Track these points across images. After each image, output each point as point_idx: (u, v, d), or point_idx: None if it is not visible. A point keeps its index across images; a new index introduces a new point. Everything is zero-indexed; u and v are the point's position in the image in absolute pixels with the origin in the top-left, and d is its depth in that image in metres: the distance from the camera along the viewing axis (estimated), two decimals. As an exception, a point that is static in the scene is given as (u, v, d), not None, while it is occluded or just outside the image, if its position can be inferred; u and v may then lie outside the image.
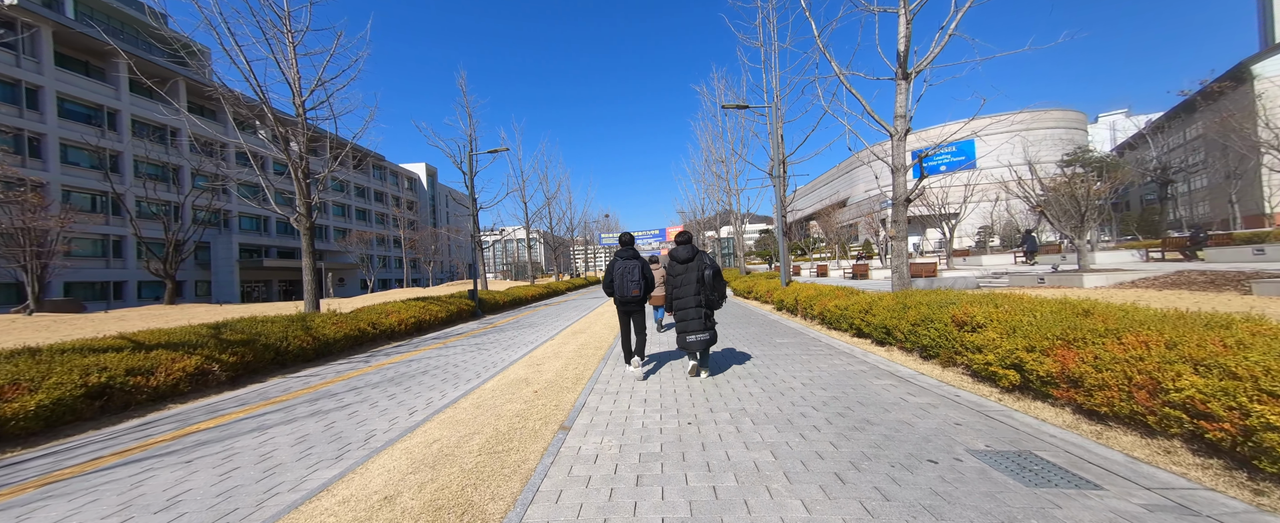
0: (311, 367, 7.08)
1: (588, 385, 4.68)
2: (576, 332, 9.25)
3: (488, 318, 14.15)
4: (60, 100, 31.65)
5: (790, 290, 10.69)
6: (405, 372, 6.11)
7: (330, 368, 6.86)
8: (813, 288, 9.63)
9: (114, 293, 34.88)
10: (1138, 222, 40.77)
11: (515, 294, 19.16)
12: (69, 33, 32.06)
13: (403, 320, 10.38)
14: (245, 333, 6.80)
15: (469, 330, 10.88)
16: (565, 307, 16.76)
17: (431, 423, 3.69)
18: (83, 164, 32.53)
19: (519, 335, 9.33)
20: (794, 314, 10.07)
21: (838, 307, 7.40)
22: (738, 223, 25.65)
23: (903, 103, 7.73)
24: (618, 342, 7.50)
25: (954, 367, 4.54)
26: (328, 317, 8.78)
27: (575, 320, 11.63)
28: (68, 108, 32.31)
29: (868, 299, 6.74)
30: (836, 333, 7.34)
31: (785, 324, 8.87)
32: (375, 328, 9.42)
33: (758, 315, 10.64)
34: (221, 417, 4.35)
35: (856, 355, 5.61)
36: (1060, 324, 3.50)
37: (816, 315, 8.31)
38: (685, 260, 4.80)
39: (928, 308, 5.12)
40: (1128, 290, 9.62)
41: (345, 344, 8.39)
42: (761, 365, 5.31)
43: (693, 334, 4.69)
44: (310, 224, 10.04)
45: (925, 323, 4.94)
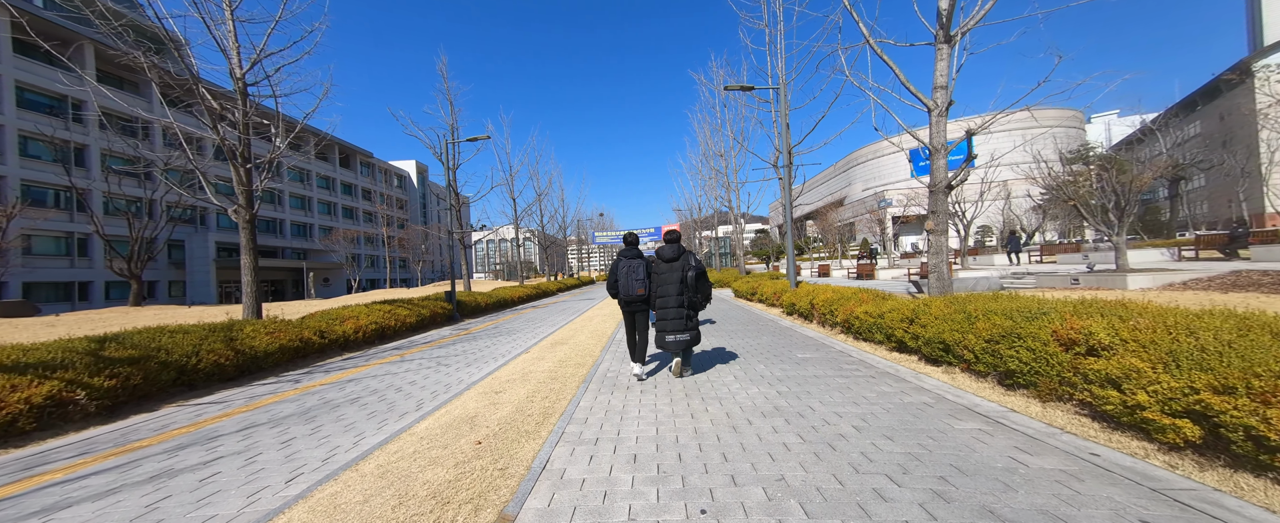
0: (229, 388, 5.75)
1: (557, 427, 3.41)
2: (557, 341, 7.96)
3: (465, 323, 12.83)
4: (19, 90, 29.86)
5: (802, 293, 9.48)
6: (331, 399, 4.80)
7: (248, 391, 5.53)
8: (830, 290, 8.42)
9: (79, 294, 33.10)
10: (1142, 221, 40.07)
11: (500, 296, 17.84)
12: (30, 19, 30.25)
13: (361, 327, 9.05)
14: (139, 348, 5.46)
15: (438, 338, 9.56)
16: (552, 310, 15.46)
17: (297, 510, 2.40)
18: (45, 157, 30.73)
19: (492, 345, 8.04)
20: (808, 320, 8.85)
21: (868, 314, 6.17)
22: (738, 221, 24.45)
23: (943, 71, 6.53)
24: (605, 356, 6.24)
25: (1060, 403, 3.31)
26: (265, 325, 7.44)
27: (559, 326, 10.35)
28: (27, 98, 30.52)
29: (908, 305, 5.52)
30: (868, 346, 6.11)
31: (801, 332, 7.65)
32: (324, 337, 8.09)
33: (767, 321, 9.41)
34: (15, 483, 3.03)
35: (906, 378, 4.39)
36: (1267, 352, 2.28)
37: (840, 323, 7.09)
38: (670, 260, 4.76)
39: (1005, 319, 3.90)
40: (1184, 292, 8.49)
41: (281, 358, 7.05)
42: (789, 394, 4.07)
43: (672, 334, 4.63)
44: (251, 216, 8.68)
45: (1008, 341, 3.72)
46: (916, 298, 5.99)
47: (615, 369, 5.37)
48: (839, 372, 4.82)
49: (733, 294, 16.83)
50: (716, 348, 6.47)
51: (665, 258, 4.80)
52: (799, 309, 9.23)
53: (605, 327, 9.66)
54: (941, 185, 6.64)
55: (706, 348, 6.50)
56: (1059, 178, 41.86)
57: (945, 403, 3.62)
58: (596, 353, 6.56)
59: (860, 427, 3.19)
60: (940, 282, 6.69)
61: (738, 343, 6.86)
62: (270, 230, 48.41)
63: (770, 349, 6.26)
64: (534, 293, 21.83)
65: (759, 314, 10.78)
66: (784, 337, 7.31)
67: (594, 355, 6.38)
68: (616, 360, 5.89)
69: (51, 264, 31.55)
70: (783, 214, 14.29)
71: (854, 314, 6.53)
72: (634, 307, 5.03)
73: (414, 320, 11.09)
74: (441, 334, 10.29)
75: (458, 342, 8.75)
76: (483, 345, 8.07)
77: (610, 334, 8.38)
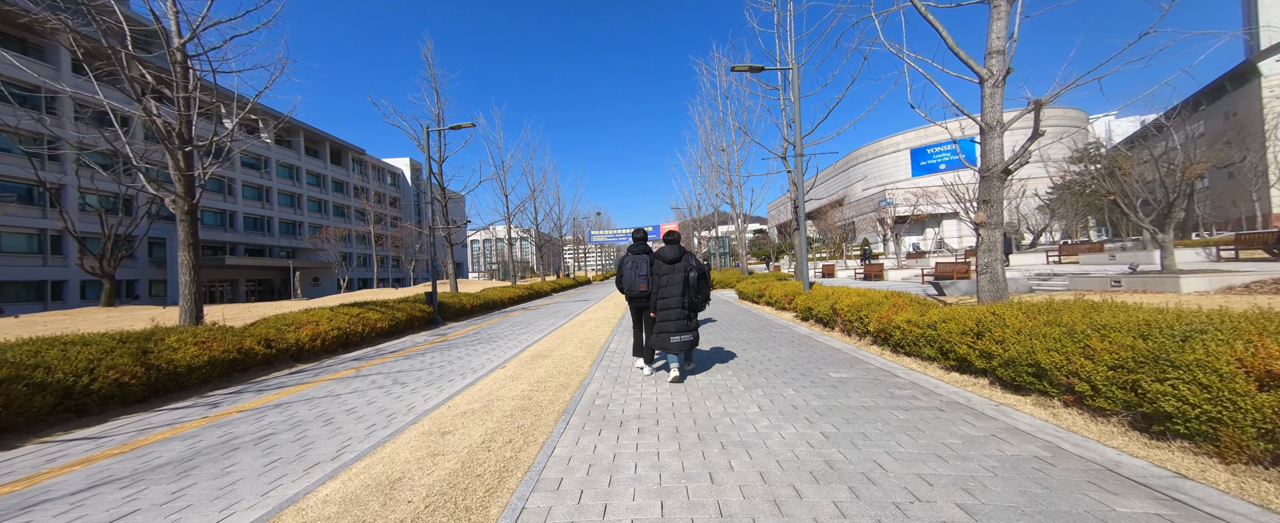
0: (131, 414, 4.64)
1: (512, 503, 2.33)
2: (540, 353, 6.87)
3: (445, 327, 11.72)
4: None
5: (819, 296, 8.42)
6: (235, 437, 3.70)
7: (146, 420, 4.42)
8: (854, 293, 7.36)
9: (53, 293, 31.77)
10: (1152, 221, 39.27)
11: (488, 297, 16.72)
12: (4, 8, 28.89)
13: (320, 334, 7.93)
14: (9, 366, 4.34)
15: (409, 346, 8.45)
16: (542, 313, 14.36)
17: None
18: (14, 151, 29.38)
19: (467, 356, 6.94)
20: (827, 327, 7.79)
21: (913, 323, 5.11)
22: (740, 219, 23.38)
23: (999, 33, 5.48)
24: (595, 373, 5.16)
25: (1260, 469, 2.25)
26: (197, 334, 6.32)
27: (547, 332, 9.26)
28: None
29: (967, 315, 4.46)
30: (914, 363, 5.04)
31: (823, 343, 6.57)
32: (270, 347, 6.97)
33: (779, 328, 8.34)
34: None
35: (988, 413, 3.32)
36: None
37: (872, 333, 6.02)
38: (672, 261, 4.74)
39: (1136, 339, 2.84)
40: (1256, 296, 7.48)
41: (210, 373, 5.93)
42: (840, 438, 2.99)
43: (676, 335, 4.56)
44: (191, 207, 7.55)
45: (1152, 369, 2.65)
46: (976, 306, 4.93)
47: (607, 394, 4.28)
48: (892, 399, 3.75)
49: (737, 296, 15.78)
50: (729, 360, 5.40)
51: (666, 259, 4.76)
52: (817, 315, 8.16)
53: (597, 333, 8.57)
54: (997, 170, 5.58)
55: (718, 361, 5.43)
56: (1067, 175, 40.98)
57: (1068, 458, 2.55)
58: (584, 369, 5.47)
59: (970, 507, 2.11)
60: (995, 285, 5.64)
61: (753, 356, 5.78)
62: (258, 228, 47.10)
63: (794, 365, 5.18)
64: (526, 294, 20.72)
65: (769, 319, 9.72)
66: (805, 348, 6.24)
67: (581, 372, 5.29)
68: (608, 381, 4.81)
69: (22, 262, 30.23)
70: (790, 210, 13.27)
71: (892, 323, 5.46)
72: (638, 302, 5.03)
73: (386, 325, 9.97)
74: (415, 341, 9.18)
75: (428, 352, 7.65)
76: (455, 357, 6.96)
77: (603, 344, 7.30)
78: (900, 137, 68.04)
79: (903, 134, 67.56)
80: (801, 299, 9.14)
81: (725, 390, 4.24)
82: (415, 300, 12.47)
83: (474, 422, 3.58)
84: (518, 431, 3.35)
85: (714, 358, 5.75)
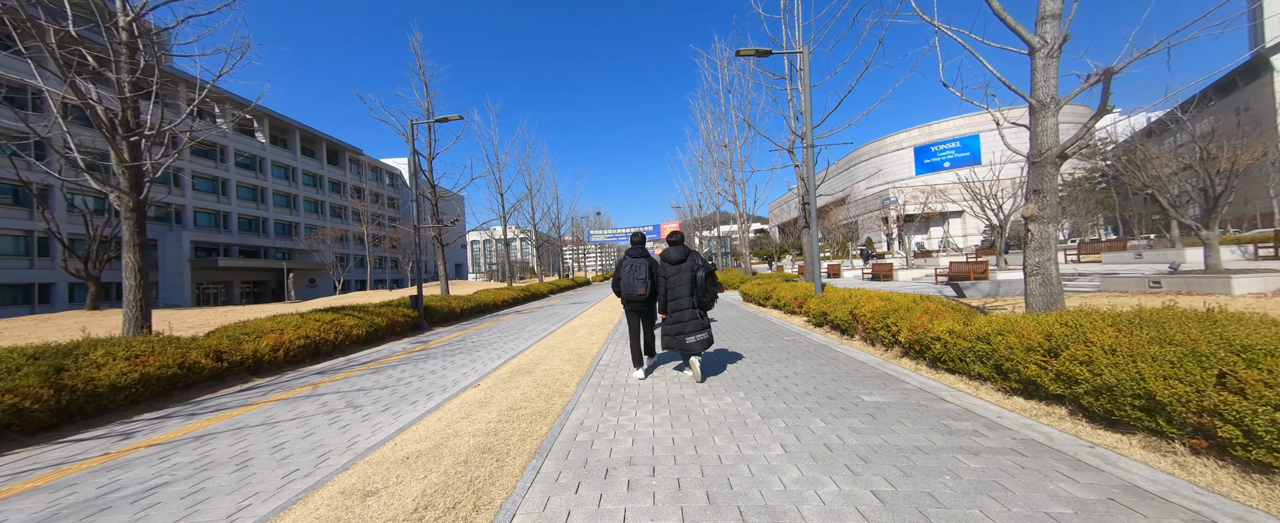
0: (21, 450, 3.87)
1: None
2: (522, 368, 6.08)
3: (429, 334, 10.95)
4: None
5: (834, 300, 7.62)
6: (111, 489, 2.93)
7: (35, 457, 3.65)
8: (876, 298, 6.57)
9: (40, 296, 31.08)
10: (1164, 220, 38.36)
11: (480, 300, 15.96)
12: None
13: (283, 344, 7.16)
14: None
15: (383, 357, 7.68)
16: (536, 316, 13.58)
17: None
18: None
19: (441, 370, 6.16)
20: (846, 335, 6.98)
21: (958, 335, 4.31)
22: (743, 219, 22.57)
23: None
24: (582, 394, 4.37)
25: None
26: (131, 346, 5.55)
27: (536, 340, 8.47)
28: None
29: (1035, 327, 3.66)
30: (962, 383, 4.24)
31: (844, 354, 5.77)
32: (221, 359, 6.20)
33: (791, 335, 7.54)
34: None
35: (1095, 463, 2.52)
36: None
37: (905, 345, 5.22)
38: (677, 261, 4.67)
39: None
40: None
41: (141, 392, 5.15)
42: (902, 502, 2.20)
43: (691, 335, 4.47)
44: (136, 203, 6.78)
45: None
46: (1021, 313, 4.13)
47: (593, 426, 3.50)
48: (950, 436, 2.96)
49: (741, 298, 14.98)
50: (740, 376, 4.62)
51: (671, 260, 4.66)
52: (834, 321, 7.35)
53: (590, 342, 7.79)
54: (1051, 155, 4.78)
55: (727, 376, 4.65)
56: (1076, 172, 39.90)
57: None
58: (570, 389, 4.68)
59: None
60: (1047, 288, 4.83)
61: (767, 371, 4.99)
62: (253, 230, 46.42)
63: (817, 383, 4.39)
64: (521, 296, 19.94)
65: (779, 325, 8.92)
66: (825, 360, 5.44)
67: (566, 394, 4.50)
68: (596, 405, 4.02)
69: (9, 265, 29.55)
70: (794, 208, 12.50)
71: (930, 333, 4.65)
72: (635, 306, 4.90)
73: (363, 332, 9.19)
74: (392, 350, 8.41)
75: (402, 364, 6.87)
76: (428, 371, 6.18)
77: (594, 355, 6.51)
78: (903, 134, 67.22)
79: (906, 131, 66.75)
80: (814, 303, 8.35)
81: (738, 421, 3.45)
82: (399, 304, 11.70)
83: (414, 473, 2.78)
84: (468, 487, 2.55)
85: (722, 373, 4.96)
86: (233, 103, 36.45)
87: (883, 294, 6.83)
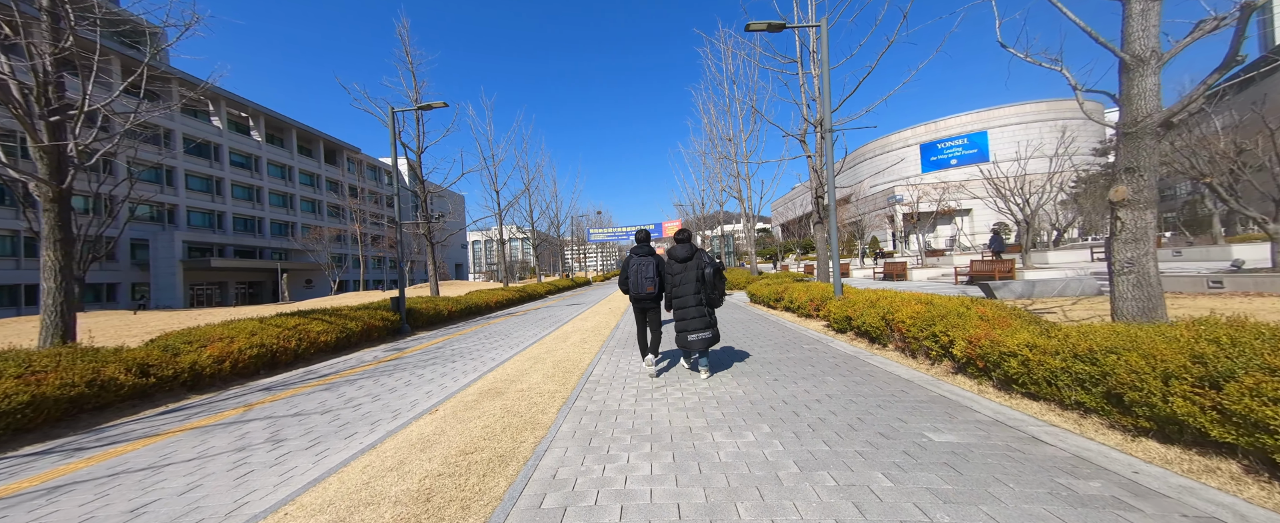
0: None
1: None
2: (495, 387, 5.14)
3: (409, 339, 10.03)
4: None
5: (860, 302, 6.67)
6: None
7: None
8: (917, 301, 5.62)
9: (27, 298, 30.35)
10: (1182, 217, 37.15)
11: (471, 301, 15.04)
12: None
13: (229, 354, 6.26)
14: None
15: (345, 368, 6.76)
16: (528, 319, 12.66)
17: None
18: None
19: (403, 387, 5.24)
20: (877, 344, 6.03)
21: (1041, 350, 3.35)
22: (749, 217, 21.60)
23: (1158, -80, 3.71)
24: (562, 425, 3.43)
25: None
26: (33, 360, 4.65)
27: (522, 348, 7.53)
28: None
29: (1170, 343, 2.71)
30: (1055, 414, 3.27)
31: (884, 370, 4.82)
32: (148, 375, 5.30)
33: (811, 342, 6.58)
34: None
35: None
36: None
37: (960, 359, 4.26)
38: (684, 259, 4.68)
39: None
40: None
41: (29, 420, 4.23)
42: None
43: (695, 333, 4.50)
44: (58, 192, 5.87)
45: None
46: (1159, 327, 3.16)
47: (567, 480, 2.56)
48: (1083, 508, 2.01)
49: (748, 299, 14.01)
50: (760, 400, 3.68)
51: (678, 258, 4.69)
52: (861, 327, 6.39)
53: (581, 352, 6.86)
54: (1151, 122, 3.82)
55: (744, 400, 3.71)
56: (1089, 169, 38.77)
57: None
58: (547, 417, 3.74)
59: None
60: (1144, 292, 3.87)
61: (793, 392, 4.04)
62: (248, 229, 45.68)
63: (862, 413, 3.44)
64: (516, 297, 19.03)
65: (795, 330, 7.96)
66: (860, 377, 4.49)
67: (540, 426, 3.56)
68: (577, 445, 3.09)
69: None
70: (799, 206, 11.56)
71: (1003, 348, 3.69)
72: (644, 304, 4.98)
73: (334, 339, 8.28)
74: (361, 360, 7.49)
75: (362, 378, 5.94)
76: (389, 387, 5.26)
77: (584, 368, 5.58)
78: (909, 131, 66.17)
79: (912, 129, 65.68)
80: (835, 305, 7.38)
81: (768, 475, 2.51)
82: (379, 307, 10.80)
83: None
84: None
85: (738, 393, 4.02)
86: (183, 82, 34.57)
87: (920, 296, 5.87)
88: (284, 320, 7.93)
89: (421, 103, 15.54)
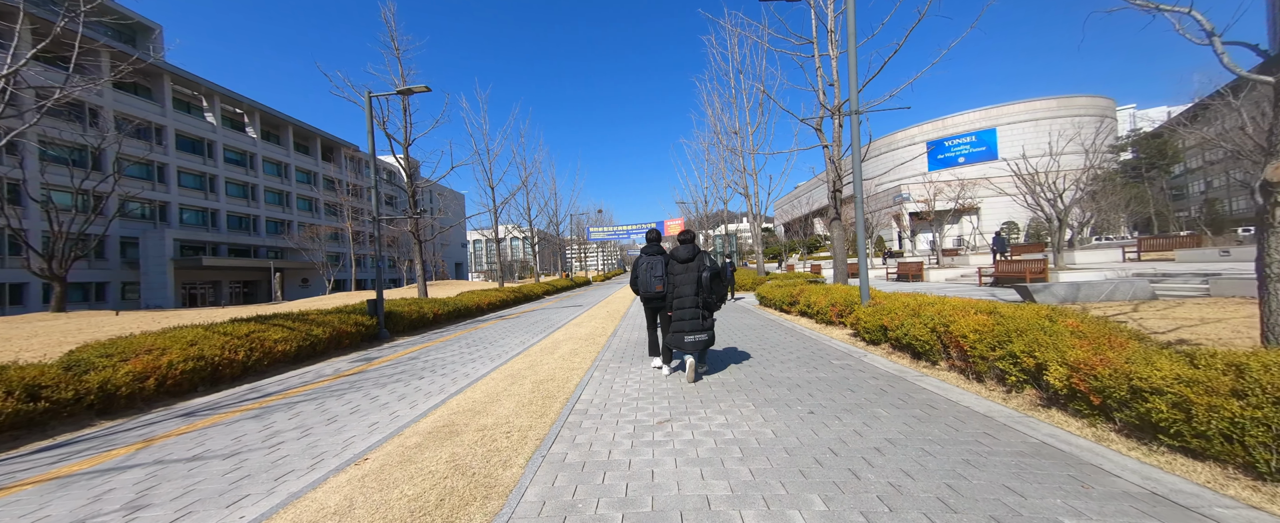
0: None
1: None
2: (455, 421, 4.15)
3: (384, 347, 9.07)
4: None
5: (901, 311, 5.66)
6: None
7: None
8: (975, 309, 4.61)
9: (11, 297, 29.56)
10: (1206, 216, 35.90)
11: (461, 304, 14.08)
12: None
13: (157, 369, 5.31)
14: None
15: (293, 386, 5.79)
16: (519, 323, 11.69)
17: None
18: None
19: (348, 417, 4.27)
20: (924, 360, 5.02)
21: (1218, 394, 2.34)
22: (756, 218, 20.57)
23: None
24: (517, 500, 2.44)
25: None
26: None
27: (503, 361, 6.55)
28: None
29: None
30: (1241, 485, 2.25)
31: (949, 399, 3.80)
32: (37, 399, 4.33)
33: (841, 357, 5.57)
34: None
35: None
36: None
37: (1059, 390, 3.24)
38: (685, 260, 4.72)
39: None
40: None
41: None
42: None
43: (690, 334, 4.52)
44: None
45: None
46: None
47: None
48: None
49: (757, 302, 13.00)
50: (797, 450, 2.68)
51: (680, 259, 4.71)
52: (901, 339, 5.37)
53: (569, 368, 5.87)
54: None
55: (780, 455, 2.72)
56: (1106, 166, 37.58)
57: None
58: (511, 473, 2.76)
59: None
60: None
61: (837, 435, 3.04)
62: (243, 227, 44.87)
63: (946, 474, 2.44)
64: (510, 298, 18.06)
65: (815, 339, 6.96)
66: (922, 413, 3.49)
67: (498, 488, 2.58)
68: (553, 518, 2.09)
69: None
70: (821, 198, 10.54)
71: (1137, 381, 2.67)
72: (654, 303, 5.06)
73: (293, 348, 7.32)
74: (319, 373, 6.53)
75: (303, 401, 4.97)
76: (328, 417, 4.28)
77: (571, 391, 4.60)
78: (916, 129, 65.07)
79: (918, 126, 64.58)
80: (866, 313, 6.37)
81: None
82: (354, 311, 9.84)
83: None
84: None
85: (767, 435, 3.03)
86: (117, 57, 32.32)
87: (975, 303, 4.87)
88: (236, 327, 6.97)
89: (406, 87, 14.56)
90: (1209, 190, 48.27)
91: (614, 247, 77.52)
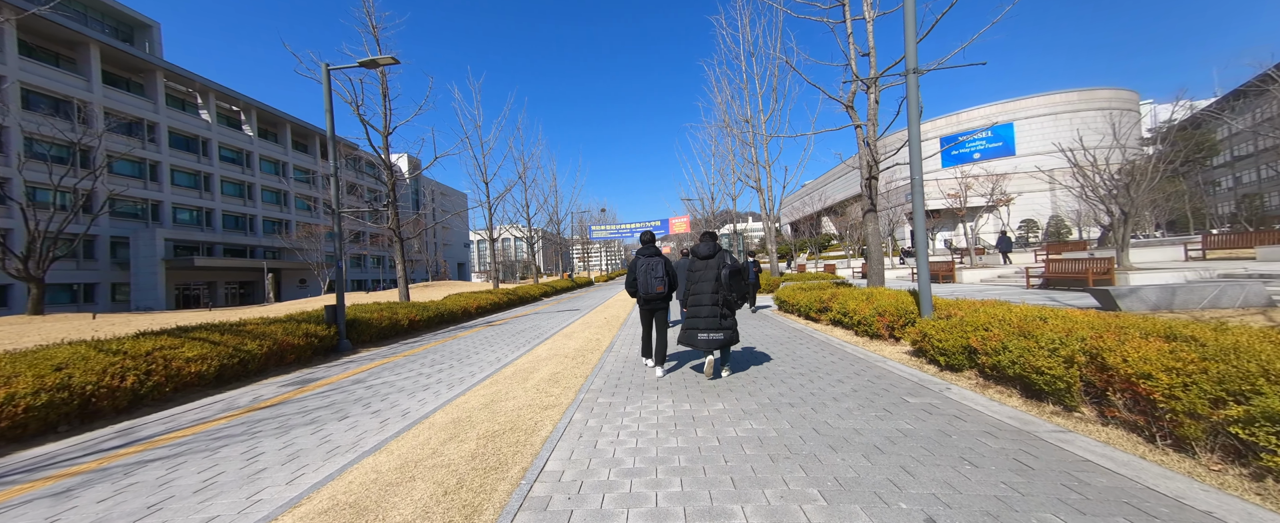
0: None
1: None
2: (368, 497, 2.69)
3: (343, 361, 7.64)
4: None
5: (989, 324, 4.13)
6: None
7: None
8: (1159, 336, 3.09)
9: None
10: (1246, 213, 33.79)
11: (446, 307, 12.66)
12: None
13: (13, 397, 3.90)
14: None
15: (183, 426, 4.36)
16: (506, 331, 10.23)
17: None
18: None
19: (210, 487, 2.83)
20: (1049, 402, 3.49)
21: None
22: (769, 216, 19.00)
23: None
24: None
25: None
26: None
27: (470, 386, 5.08)
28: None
29: None
30: None
31: (1140, 483, 2.27)
32: None
33: (910, 390, 4.03)
34: None
35: None
36: None
37: None
38: (706, 256, 4.68)
39: None
40: None
41: None
42: None
43: (705, 332, 4.46)
44: None
45: None
46: None
47: None
48: None
49: (776, 307, 11.47)
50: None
51: (701, 255, 4.71)
52: (1000, 367, 3.84)
53: (544, 403, 4.39)
54: None
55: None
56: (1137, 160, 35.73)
57: None
58: None
59: None
60: None
61: None
62: (239, 227, 43.88)
63: None
64: (502, 301, 16.65)
65: (863, 359, 5.43)
66: (1112, 507, 1.97)
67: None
68: None
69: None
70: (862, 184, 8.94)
71: None
72: (653, 305, 5.01)
73: (212, 368, 5.89)
74: (231, 404, 5.10)
75: (163, 457, 3.52)
76: (188, 484, 2.83)
77: (536, 450, 3.12)
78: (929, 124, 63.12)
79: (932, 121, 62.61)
80: (937, 328, 4.82)
81: None
82: (307, 319, 8.44)
83: None
84: None
85: None
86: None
87: (1129, 319, 3.34)
88: (137, 344, 5.58)
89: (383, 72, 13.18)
90: (1239, 186, 45.98)
91: (618, 246, 76.15)
